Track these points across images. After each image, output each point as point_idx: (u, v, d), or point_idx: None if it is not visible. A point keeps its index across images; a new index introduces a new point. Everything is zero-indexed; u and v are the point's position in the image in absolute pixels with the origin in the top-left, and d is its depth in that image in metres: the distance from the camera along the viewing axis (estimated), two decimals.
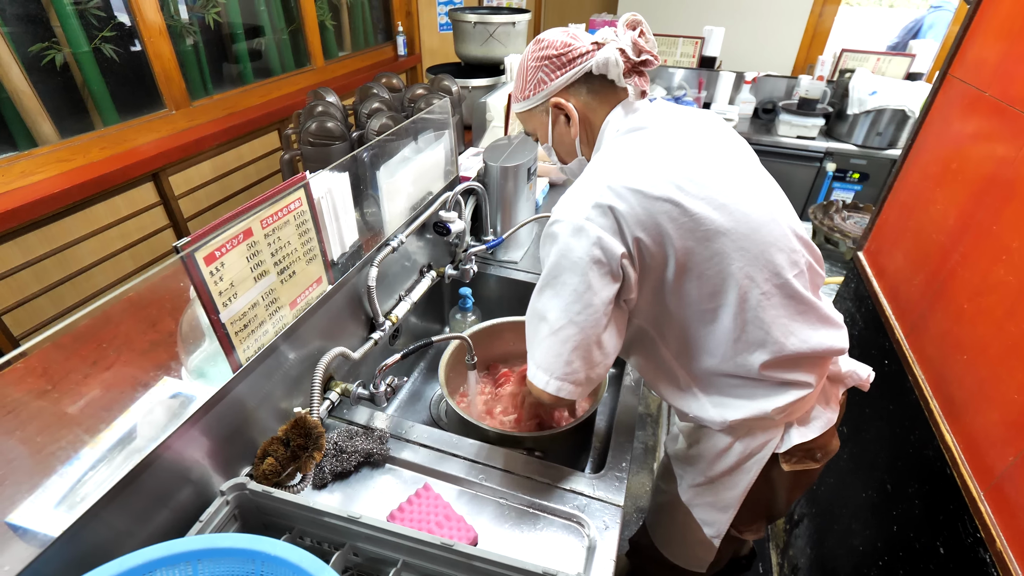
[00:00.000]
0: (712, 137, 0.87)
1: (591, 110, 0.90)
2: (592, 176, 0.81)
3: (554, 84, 0.88)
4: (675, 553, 1.13)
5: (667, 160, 0.79)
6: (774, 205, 0.83)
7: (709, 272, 0.78)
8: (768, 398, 0.85)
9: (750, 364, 0.82)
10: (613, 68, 0.84)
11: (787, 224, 0.83)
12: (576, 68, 0.86)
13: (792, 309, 0.82)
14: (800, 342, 0.82)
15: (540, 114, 0.94)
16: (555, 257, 0.79)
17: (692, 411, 0.92)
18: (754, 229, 0.78)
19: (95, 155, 1.87)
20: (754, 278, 0.78)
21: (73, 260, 1.80)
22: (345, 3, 3.07)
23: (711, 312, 0.81)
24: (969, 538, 0.90)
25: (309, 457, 0.83)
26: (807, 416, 0.91)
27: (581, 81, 0.88)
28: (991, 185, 1.03)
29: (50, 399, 0.77)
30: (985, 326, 0.97)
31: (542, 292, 0.82)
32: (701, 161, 0.80)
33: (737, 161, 0.86)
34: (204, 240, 0.69)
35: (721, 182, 0.79)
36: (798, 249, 0.83)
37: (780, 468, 0.93)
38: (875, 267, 1.45)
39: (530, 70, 0.90)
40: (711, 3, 3.52)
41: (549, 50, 0.87)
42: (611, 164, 0.81)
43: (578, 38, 0.87)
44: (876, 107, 2.51)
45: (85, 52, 1.82)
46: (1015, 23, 1.06)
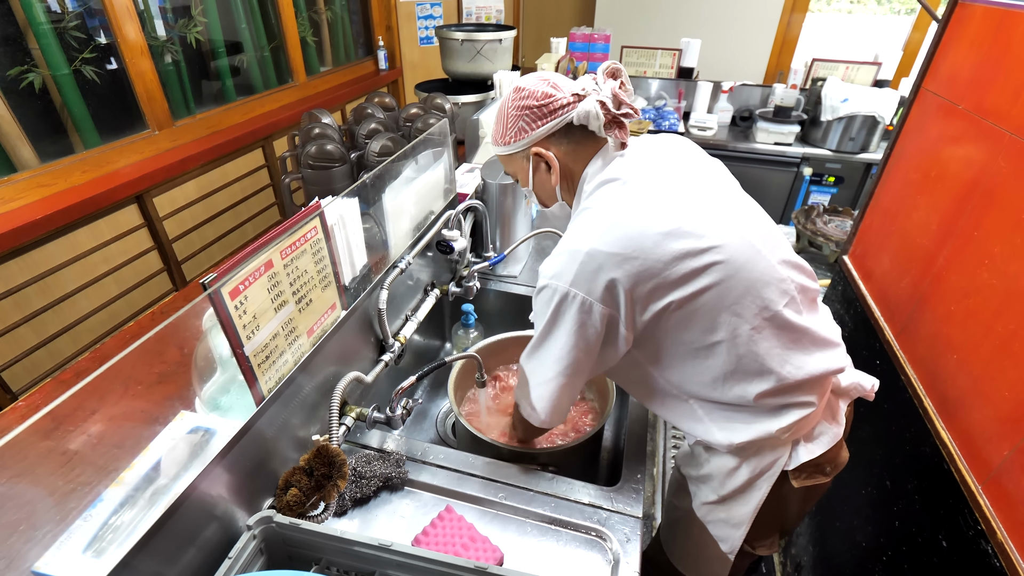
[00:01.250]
0: (689, 173, 0.89)
1: (571, 160, 0.92)
2: (575, 239, 0.83)
3: (535, 134, 0.90)
4: (690, 568, 1.15)
5: (645, 216, 0.81)
6: (756, 236, 0.84)
7: (697, 315, 0.81)
8: (772, 420, 0.87)
9: (747, 395, 0.85)
10: (594, 120, 0.86)
11: (772, 254, 0.85)
12: (557, 119, 0.88)
13: (785, 339, 0.84)
14: (795, 369, 0.84)
15: (521, 160, 0.96)
16: (546, 321, 0.85)
17: (699, 434, 0.94)
18: (738, 268, 0.80)
19: (77, 179, 1.83)
20: (742, 315, 0.80)
21: (56, 287, 1.76)
22: (326, 19, 3.07)
23: (704, 350, 0.84)
24: (970, 531, 0.95)
25: (333, 485, 0.83)
26: (812, 433, 0.93)
27: (562, 131, 0.90)
28: (971, 193, 1.08)
29: (58, 438, 0.75)
30: (974, 327, 1.02)
31: (534, 351, 0.91)
32: (678, 208, 0.82)
33: (715, 195, 0.87)
34: (229, 275, 0.69)
35: (704, 225, 0.80)
36: (786, 277, 0.85)
37: (790, 484, 0.95)
38: (861, 270, 1.50)
39: (511, 118, 0.91)
40: (686, 15, 3.61)
41: (530, 100, 0.88)
42: (591, 226, 0.83)
43: (559, 88, 0.88)
44: (848, 114, 2.62)
45: (65, 74, 1.79)
46: (984, 38, 1.12)
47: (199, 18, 2.27)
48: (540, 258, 1.68)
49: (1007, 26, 1.05)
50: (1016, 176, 0.96)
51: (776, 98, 2.91)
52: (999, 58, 1.06)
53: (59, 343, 1.79)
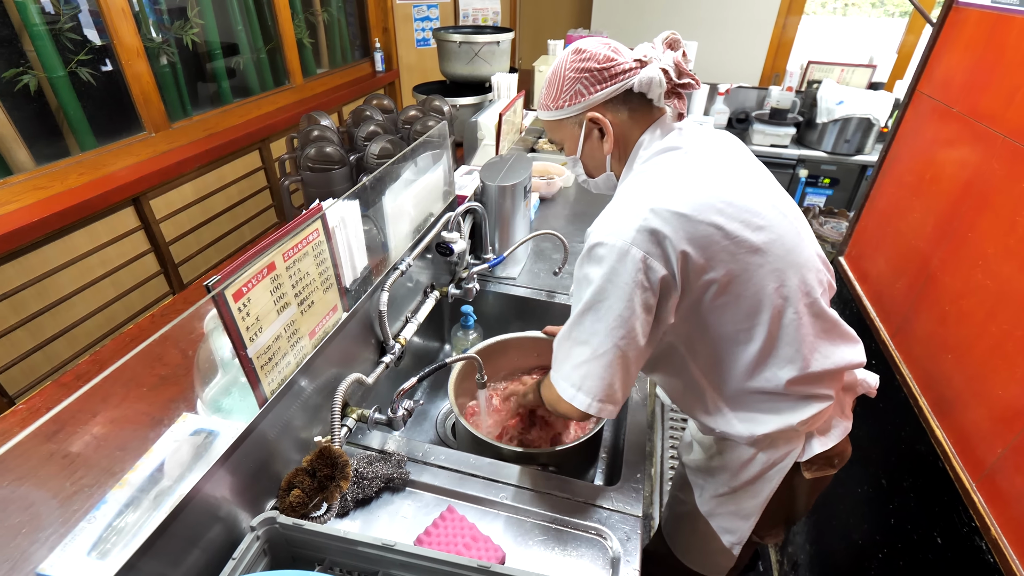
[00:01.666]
0: (740, 159, 0.90)
1: (627, 128, 0.88)
2: (633, 197, 0.80)
3: (593, 98, 0.85)
4: (695, 561, 1.16)
5: (706, 183, 0.80)
6: (800, 226, 0.87)
7: (747, 293, 0.80)
8: (793, 412, 0.88)
9: (778, 380, 0.85)
10: (656, 88, 0.83)
11: (812, 246, 0.87)
12: (618, 84, 0.83)
13: (819, 327, 0.85)
14: (823, 358, 0.85)
15: (572, 126, 0.91)
16: (600, 281, 0.78)
17: (719, 427, 0.93)
18: (788, 251, 0.81)
19: (73, 181, 1.82)
20: (788, 298, 0.81)
21: (52, 290, 1.75)
22: (322, 20, 3.07)
23: (746, 331, 0.83)
24: (964, 528, 0.96)
25: (336, 486, 0.84)
26: (827, 425, 0.95)
27: (620, 98, 0.85)
28: (965, 195, 1.10)
29: (60, 441, 0.75)
30: (968, 327, 1.04)
31: (584, 316, 0.81)
32: (736, 184, 0.82)
33: (764, 183, 0.88)
34: (232, 277, 0.69)
35: (756, 204, 0.81)
36: (821, 268, 0.87)
37: (801, 476, 0.96)
38: (857, 272, 1.52)
39: (567, 80, 0.86)
40: (682, 17, 3.63)
41: (591, 63, 0.83)
42: (651, 186, 0.81)
43: (620, 52, 0.84)
44: (843, 116, 2.64)
45: (60, 76, 1.78)
46: (978, 42, 1.14)
47: (195, 20, 2.27)
48: (539, 260, 1.69)
49: (1001, 30, 1.07)
50: (1010, 178, 0.98)
51: (772, 100, 2.93)
52: (993, 62, 1.08)
53: (56, 346, 1.78)
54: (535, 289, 1.55)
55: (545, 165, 2.15)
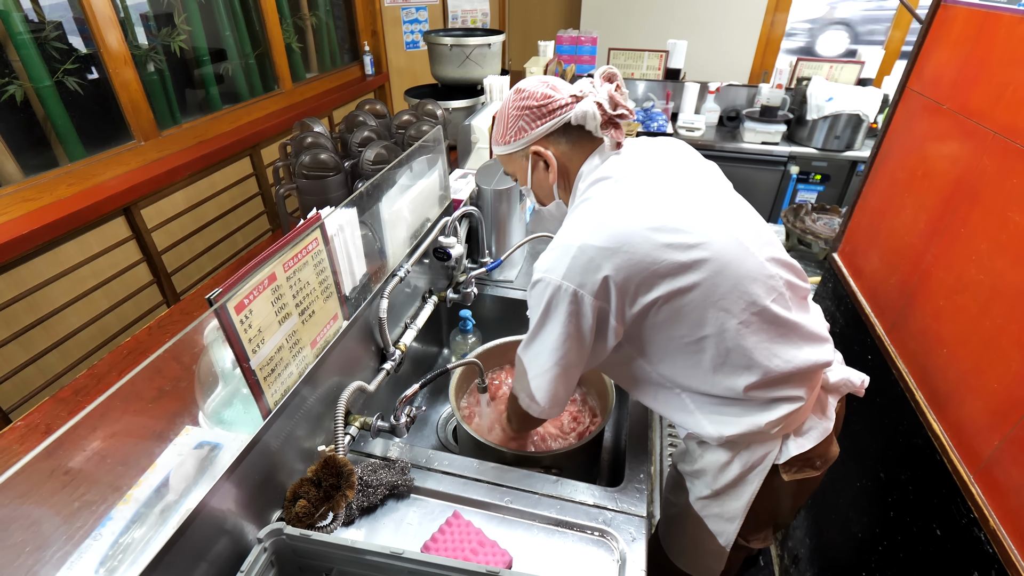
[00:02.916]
0: (680, 173, 0.92)
1: (568, 159, 0.96)
2: (567, 234, 0.86)
3: (534, 133, 0.93)
4: (687, 563, 1.17)
5: (635, 211, 0.84)
6: (746, 234, 0.87)
7: (687, 309, 0.83)
8: (761, 413, 0.89)
9: (736, 387, 0.87)
10: (591, 120, 0.89)
11: (760, 252, 0.87)
12: (556, 119, 0.91)
13: (773, 333, 0.86)
14: (784, 362, 0.86)
15: (520, 159, 0.99)
16: (539, 314, 0.87)
17: (690, 427, 0.96)
18: (726, 264, 0.82)
19: (62, 192, 1.80)
20: (730, 310, 0.83)
21: (44, 302, 1.73)
22: (310, 25, 3.05)
23: (694, 344, 0.86)
24: (963, 519, 0.97)
25: (342, 495, 0.83)
26: (802, 428, 0.96)
27: (560, 131, 0.93)
28: (957, 191, 1.11)
29: (60, 457, 0.74)
30: (963, 322, 1.05)
31: (531, 342, 0.92)
32: (668, 205, 0.85)
33: (706, 194, 0.90)
34: (234, 290, 0.69)
35: (692, 222, 0.83)
36: (774, 273, 0.87)
37: (781, 478, 0.97)
38: (851, 268, 1.53)
39: (511, 118, 0.95)
40: (672, 16, 3.65)
41: (530, 100, 0.92)
42: (582, 221, 0.86)
43: (558, 89, 0.92)
44: (833, 112, 2.67)
45: (47, 86, 1.76)
46: (967, 39, 1.16)
47: (182, 26, 2.25)
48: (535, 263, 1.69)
49: (989, 27, 1.08)
50: (1000, 174, 0.99)
51: (762, 98, 2.95)
52: (982, 59, 1.09)
53: (49, 359, 1.76)
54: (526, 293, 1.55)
55: None
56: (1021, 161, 0.94)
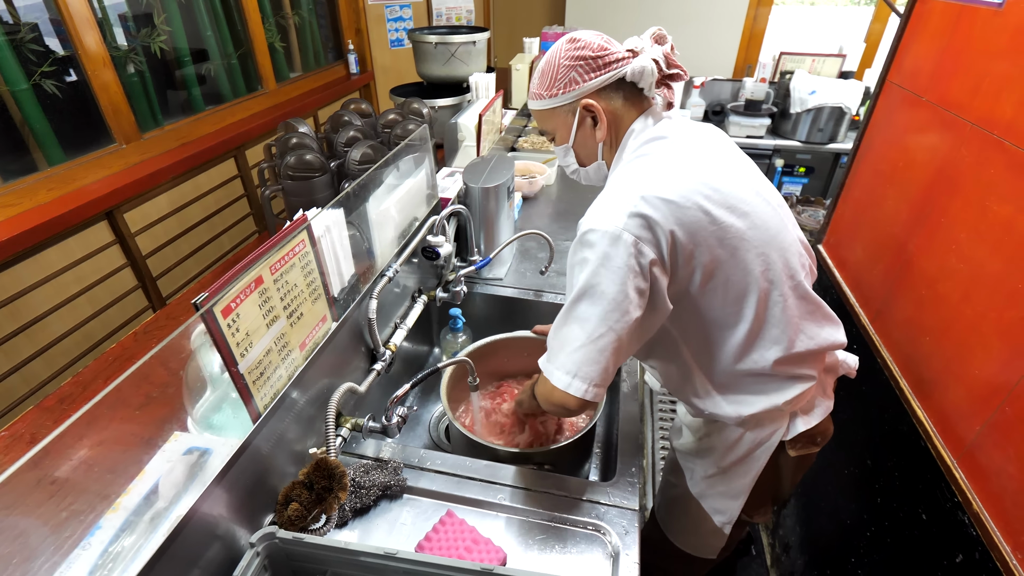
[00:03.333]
0: (725, 149, 0.93)
1: (619, 116, 0.91)
2: (623, 186, 0.82)
3: (587, 85, 0.87)
4: (688, 543, 1.19)
5: (693, 171, 0.83)
6: (783, 213, 0.90)
7: (734, 278, 0.83)
8: (779, 392, 0.91)
9: (766, 361, 0.88)
10: (648, 77, 0.86)
11: (794, 231, 0.91)
12: (611, 72, 0.86)
13: (803, 308, 0.89)
14: (808, 339, 0.89)
15: (565, 114, 0.93)
16: (592, 266, 0.78)
17: (708, 408, 0.96)
18: (772, 236, 0.84)
19: (43, 197, 1.77)
20: (774, 281, 0.84)
21: (26, 310, 1.70)
22: (293, 24, 3.02)
23: (734, 314, 0.86)
24: (948, 503, 0.99)
25: (334, 497, 0.83)
26: (810, 405, 0.99)
27: (613, 86, 0.88)
28: (937, 182, 1.13)
29: (46, 467, 0.74)
30: (944, 310, 1.07)
31: (578, 301, 0.81)
32: (722, 171, 0.85)
33: (747, 171, 0.91)
34: (220, 293, 0.68)
35: (740, 191, 0.84)
36: (803, 253, 0.91)
37: (786, 454, 1.00)
38: (835, 259, 1.55)
39: (562, 68, 0.88)
40: (656, 12, 3.66)
41: (586, 51, 0.86)
42: (641, 174, 0.83)
43: (613, 43, 0.88)
44: (816, 105, 2.70)
45: (23, 89, 1.73)
46: (944, 32, 1.17)
47: (162, 26, 2.22)
48: (525, 260, 1.69)
49: (966, 20, 1.10)
50: (978, 165, 1.01)
51: (746, 92, 2.98)
52: (959, 51, 1.11)
53: (33, 367, 1.73)
54: (522, 289, 1.56)
55: (526, 164, 2.15)
56: (998, 151, 0.96)
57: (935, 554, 1.01)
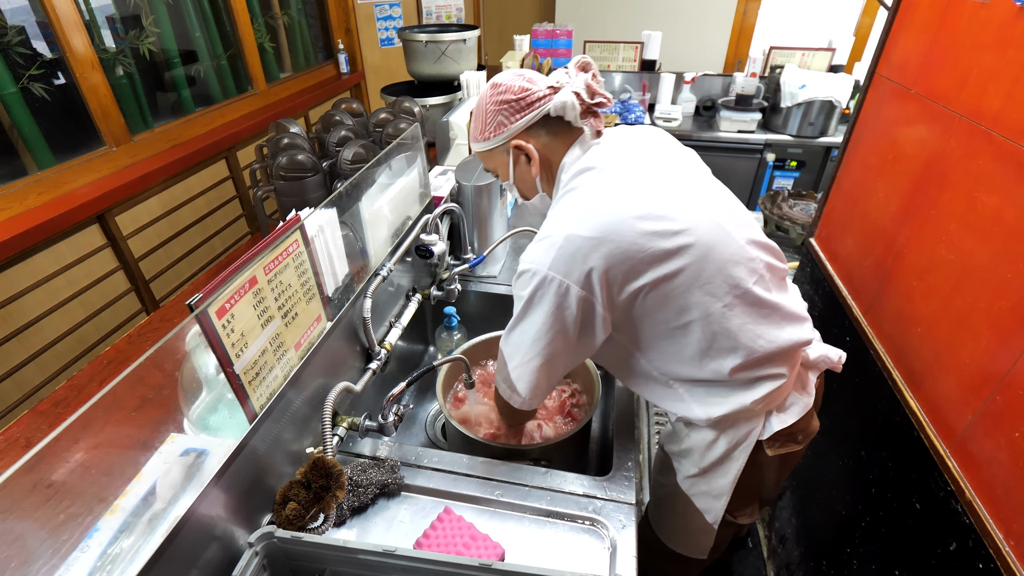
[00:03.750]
0: (661, 160, 0.93)
1: (550, 150, 0.95)
2: (552, 225, 0.87)
3: (514, 127, 0.92)
4: (677, 542, 1.19)
5: (621, 200, 0.84)
6: (725, 219, 0.89)
7: (673, 295, 0.85)
8: (746, 392, 0.92)
9: (722, 370, 0.89)
10: (570, 111, 0.90)
11: (740, 235, 0.89)
12: (534, 112, 0.91)
13: (756, 314, 0.88)
14: (768, 343, 0.89)
15: (501, 154, 0.98)
16: (524, 301, 0.88)
17: (679, 411, 0.98)
18: (710, 249, 0.84)
19: (33, 201, 1.76)
20: (714, 294, 0.85)
21: (18, 314, 1.69)
22: (282, 24, 3.00)
23: (680, 329, 0.88)
24: (941, 492, 1.00)
25: (332, 496, 0.83)
26: (784, 403, 0.98)
27: (540, 123, 0.92)
28: (926, 174, 1.14)
29: (42, 471, 0.73)
30: (935, 301, 1.08)
31: (513, 330, 0.92)
32: (652, 193, 0.86)
33: (686, 180, 0.91)
34: (215, 294, 0.68)
35: (676, 209, 0.84)
36: (755, 256, 0.89)
37: (765, 453, 1.00)
38: (827, 252, 1.57)
39: (489, 113, 0.94)
40: (646, 8, 3.67)
41: (507, 94, 0.91)
42: (568, 212, 0.86)
43: (534, 82, 0.91)
44: (806, 99, 2.71)
45: (12, 93, 1.72)
46: (931, 25, 1.18)
47: (151, 28, 2.20)
48: (518, 257, 1.69)
49: (953, 13, 1.11)
50: (967, 156, 1.02)
51: (737, 87, 2.99)
52: (946, 44, 1.12)
53: (25, 372, 1.72)
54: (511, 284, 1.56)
55: None
56: (986, 143, 0.97)
57: (929, 543, 1.02)
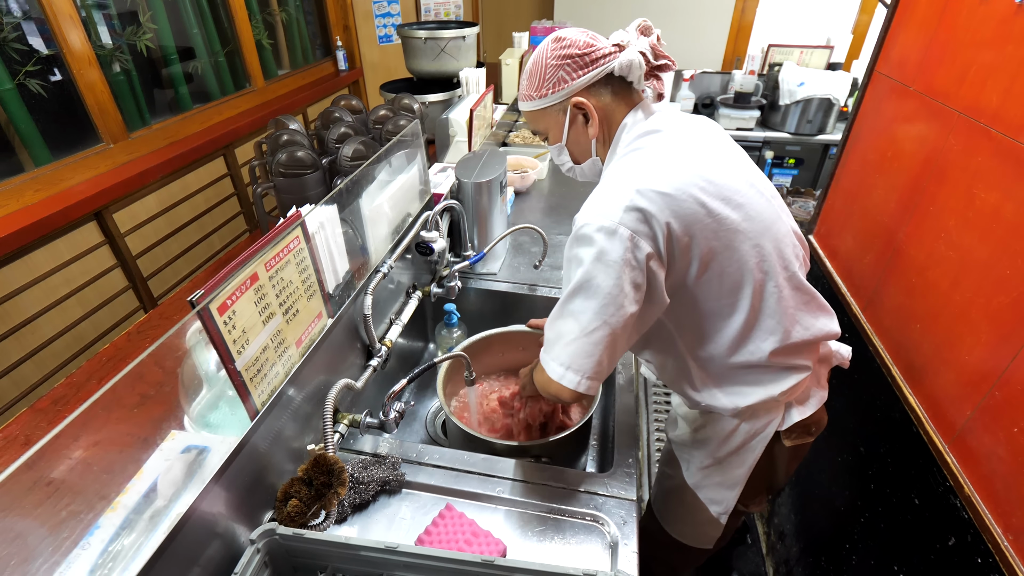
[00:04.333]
0: (718, 141, 0.93)
1: (610, 111, 0.91)
2: (618, 180, 0.82)
3: (576, 83, 0.88)
4: (684, 533, 1.19)
5: (687, 163, 0.83)
6: (777, 203, 0.91)
7: (729, 269, 0.83)
8: (775, 383, 0.92)
9: (762, 352, 0.88)
10: (636, 70, 0.86)
11: (788, 221, 0.91)
12: (599, 68, 0.86)
13: (799, 299, 0.89)
14: (803, 330, 0.89)
15: (556, 113, 0.93)
16: (589, 261, 0.79)
17: (704, 400, 0.97)
18: (767, 227, 0.84)
19: (29, 198, 1.75)
20: (769, 272, 0.85)
21: (15, 312, 1.68)
22: (280, 20, 2.99)
23: (729, 306, 0.86)
24: (940, 487, 1.01)
25: (334, 493, 0.83)
26: (805, 395, 0.99)
27: (602, 82, 0.88)
28: (925, 171, 1.14)
29: (41, 468, 0.73)
30: (934, 297, 1.08)
31: (574, 295, 0.82)
32: (716, 163, 0.85)
33: (741, 162, 0.92)
34: (216, 291, 0.68)
35: (735, 183, 0.84)
36: (797, 244, 0.92)
37: (781, 444, 1.01)
38: (827, 249, 1.57)
39: (549, 68, 0.88)
40: (644, 5, 3.66)
41: (572, 49, 0.86)
42: (635, 168, 0.83)
43: (598, 39, 0.88)
44: (805, 97, 2.72)
45: (8, 89, 1.70)
46: (930, 22, 1.18)
47: (147, 24, 2.19)
48: (518, 254, 1.69)
49: (952, 10, 1.11)
50: (966, 152, 1.02)
51: (736, 84, 2.99)
52: (945, 40, 1.12)
53: (23, 370, 1.71)
54: (516, 283, 1.56)
55: (518, 159, 2.15)
56: (985, 139, 0.97)
57: (928, 538, 1.03)
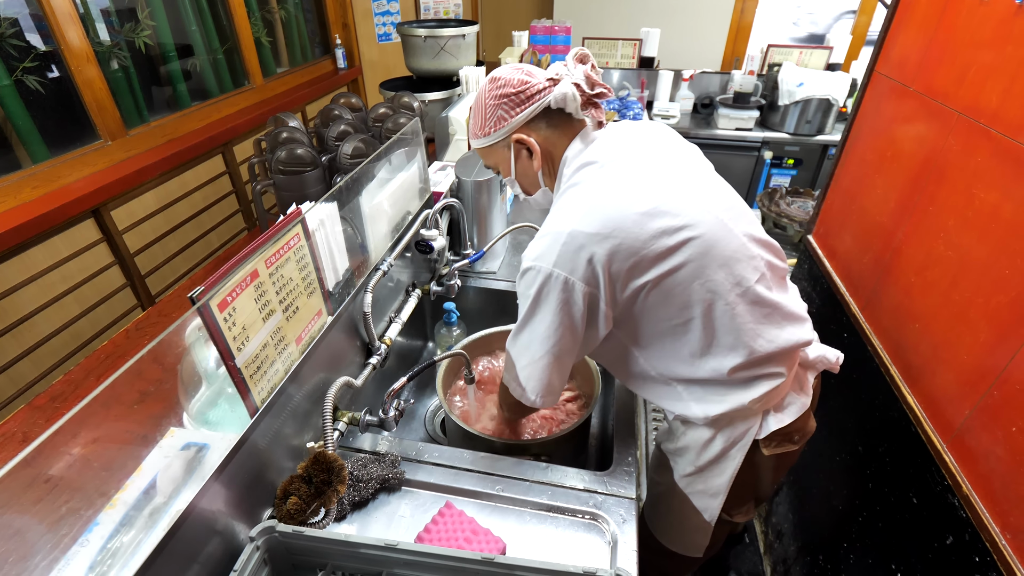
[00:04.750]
0: (663, 155, 0.92)
1: (551, 143, 0.95)
2: (556, 220, 0.86)
3: (514, 121, 0.92)
4: (673, 540, 1.19)
5: (623, 196, 0.84)
6: (728, 215, 0.88)
7: (674, 292, 0.84)
8: (745, 391, 0.91)
9: (721, 369, 0.89)
10: (571, 102, 0.89)
11: (743, 232, 0.89)
12: (535, 104, 0.90)
13: (757, 313, 0.88)
14: (767, 343, 0.88)
15: (501, 149, 0.98)
16: (531, 300, 0.87)
17: (677, 410, 0.98)
18: (712, 246, 0.83)
19: (27, 195, 1.74)
20: (717, 291, 0.84)
21: (12, 310, 1.68)
22: (279, 18, 2.98)
23: (682, 326, 0.87)
24: (938, 486, 1.01)
25: (333, 491, 0.83)
26: (782, 403, 0.98)
27: (540, 116, 0.92)
28: (924, 170, 1.15)
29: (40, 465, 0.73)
30: (932, 297, 1.09)
31: (522, 329, 0.91)
32: (654, 188, 0.85)
33: (689, 176, 0.91)
34: (217, 287, 0.68)
35: (679, 204, 0.84)
36: (756, 254, 0.89)
37: (762, 453, 1.00)
38: (825, 249, 1.57)
39: (488, 108, 0.93)
40: (644, 5, 3.66)
41: (507, 88, 0.90)
42: (572, 207, 0.86)
43: (533, 75, 0.91)
44: (804, 97, 2.72)
45: (6, 85, 1.70)
46: (930, 22, 1.19)
47: (146, 21, 2.18)
48: (518, 253, 1.69)
49: (952, 10, 1.11)
50: (965, 153, 1.02)
51: (735, 84, 2.99)
52: (945, 41, 1.13)
53: (20, 367, 1.71)
54: (516, 282, 1.56)
55: None
56: (984, 139, 0.97)
57: (926, 537, 1.03)
